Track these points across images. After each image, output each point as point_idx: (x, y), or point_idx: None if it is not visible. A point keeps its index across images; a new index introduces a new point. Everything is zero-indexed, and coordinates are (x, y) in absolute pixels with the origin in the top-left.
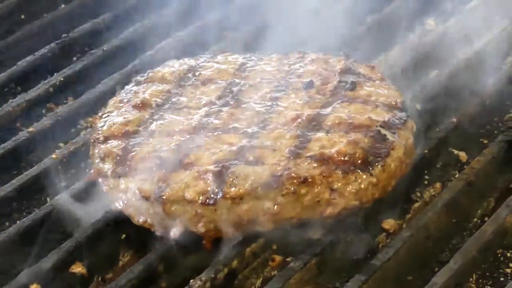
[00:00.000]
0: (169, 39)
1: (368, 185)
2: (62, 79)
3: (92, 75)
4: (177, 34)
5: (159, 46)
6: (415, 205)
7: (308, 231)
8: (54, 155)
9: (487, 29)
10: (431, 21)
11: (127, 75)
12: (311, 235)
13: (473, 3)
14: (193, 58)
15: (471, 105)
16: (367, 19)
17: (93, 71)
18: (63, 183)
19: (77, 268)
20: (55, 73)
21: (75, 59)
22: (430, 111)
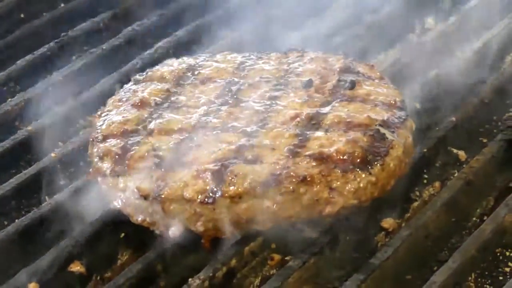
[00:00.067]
0: (168, 38)
1: (367, 184)
2: (61, 78)
3: (91, 74)
4: (176, 33)
5: (158, 45)
6: (414, 204)
7: (307, 230)
8: (53, 154)
9: (487, 29)
10: (430, 20)
11: (126, 74)
12: (310, 234)
13: (473, 3)
14: (192, 57)
15: (470, 104)
16: (367, 19)
17: (92, 70)
18: (62, 182)
19: (76, 267)
20: (54, 72)
21: (74, 58)
22: (429, 110)
